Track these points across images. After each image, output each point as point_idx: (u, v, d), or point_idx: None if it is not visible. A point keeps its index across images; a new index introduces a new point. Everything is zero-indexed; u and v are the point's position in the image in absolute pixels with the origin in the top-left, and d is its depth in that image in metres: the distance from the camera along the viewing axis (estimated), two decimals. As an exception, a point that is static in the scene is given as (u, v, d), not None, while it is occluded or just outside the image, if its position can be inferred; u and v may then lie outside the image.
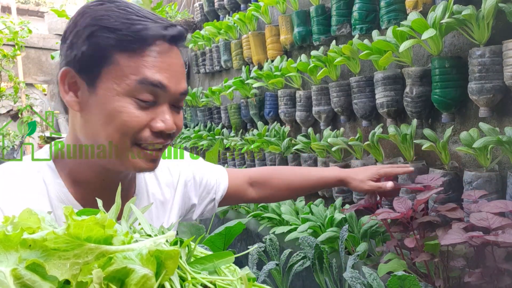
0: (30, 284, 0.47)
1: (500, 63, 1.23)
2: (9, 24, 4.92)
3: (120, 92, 0.75)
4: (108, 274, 0.48)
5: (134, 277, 0.49)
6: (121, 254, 0.50)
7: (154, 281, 0.50)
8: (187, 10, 3.63)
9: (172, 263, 0.51)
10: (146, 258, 0.50)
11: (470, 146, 1.25)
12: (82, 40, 0.75)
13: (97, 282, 0.47)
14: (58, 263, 0.48)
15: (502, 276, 1.04)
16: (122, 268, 0.49)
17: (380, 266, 1.25)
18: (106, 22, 0.75)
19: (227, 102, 2.95)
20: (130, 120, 0.76)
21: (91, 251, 0.49)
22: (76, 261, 0.48)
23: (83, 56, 0.76)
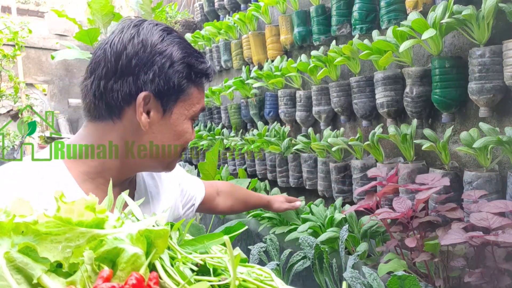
0: (22, 267, 0.47)
1: (500, 63, 1.23)
2: (9, 24, 4.92)
3: (188, 117, 0.94)
4: (99, 255, 0.50)
5: (125, 256, 0.50)
6: (112, 236, 0.51)
7: (144, 259, 0.51)
8: (187, 10, 3.63)
9: (162, 242, 0.53)
10: (136, 237, 0.51)
11: (470, 146, 1.25)
12: (170, 73, 0.89)
13: (88, 263, 0.48)
14: (50, 246, 0.49)
15: (502, 276, 1.04)
16: (113, 249, 0.50)
17: (380, 266, 1.25)
18: (188, 60, 0.91)
19: (227, 102, 2.95)
20: (190, 137, 0.97)
21: (83, 235, 0.50)
22: (68, 244, 0.49)
23: (169, 87, 0.89)
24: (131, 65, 0.87)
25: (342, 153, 1.87)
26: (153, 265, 0.53)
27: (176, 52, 0.90)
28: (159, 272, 0.51)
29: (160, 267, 0.52)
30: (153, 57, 0.88)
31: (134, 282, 0.47)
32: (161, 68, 0.88)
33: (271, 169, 2.36)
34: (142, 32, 0.89)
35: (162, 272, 0.52)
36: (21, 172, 0.84)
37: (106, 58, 0.87)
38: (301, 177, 2.14)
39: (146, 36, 0.89)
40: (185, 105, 0.93)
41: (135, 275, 0.48)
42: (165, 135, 0.93)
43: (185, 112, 0.93)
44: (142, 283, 0.48)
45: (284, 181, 2.27)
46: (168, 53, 0.89)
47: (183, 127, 0.94)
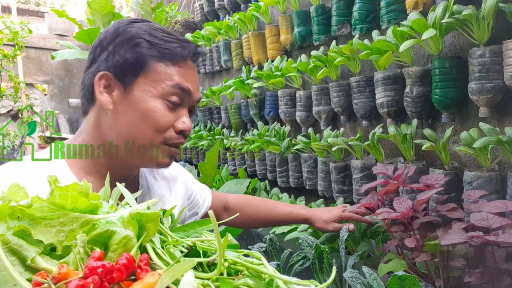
0: (17, 249, 0.49)
1: (500, 63, 1.23)
2: (9, 24, 4.92)
3: (155, 94, 0.88)
4: (91, 238, 0.51)
5: (116, 238, 0.51)
6: (105, 220, 0.53)
7: (136, 241, 0.52)
8: (187, 10, 3.63)
9: (153, 225, 0.54)
10: (128, 221, 0.53)
11: (470, 146, 1.25)
12: (126, 49, 0.88)
13: (81, 245, 0.50)
14: (44, 229, 0.50)
15: (502, 276, 1.04)
16: (105, 231, 0.51)
17: (380, 266, 1.25)
18: (147, 37, 0.89)
19: (227, 102, 2.95)
20: (161, 119, 0.89)
21: (76, 220, 0.52)
22: (62, 228, 0.51)
23: (125, 62, 0.88)
24: (97, 52, 0.92)
25: (342, 153, 1.87)
26: (144, 247, 0.54)
27: (136, 31, 0.89)
28: (149, 254, 0.53)
29: (150, 249, 0.53)
30: (114, 39, 0.90)
31: (124, 262, 0.49)
32: (117, 46, 0.89)
33: (271, 169, 2.36)
34: (116, 23, 0.93)
35: (153, 253, 0.53)
36: (21, 172, 0.85)
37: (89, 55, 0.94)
38: (301, 177, 2.14)
39: (117, 26, 0.91)
40: (149, 81, 0.88)
41: (126, 255, 0.49)
42: (129, 114, 0.89)
43: (150, 89, 0.88)
44: (132, 263, 0.49)
45: (284, 181, 2.27)
46: (127, 33, 0.89)
47: (148, 105, 0.88)
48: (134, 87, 0.88)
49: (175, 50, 0.90)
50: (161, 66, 0.89)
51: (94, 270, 0.47)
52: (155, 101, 0.88)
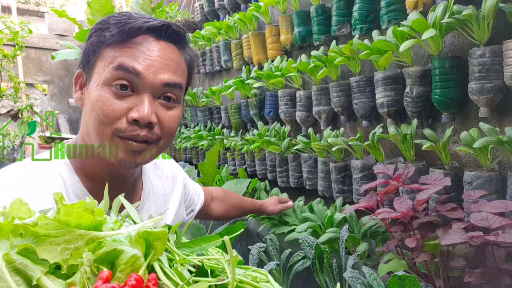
0: (21, 268, 0.47)
1: (500, 63, 1.23)
2: (9, 24, 4.92)
3: (101, 82, 0.80)
4: (98, 257, 0.50)
5: (124, 257, 0.50)
6: (111, 238, 0.52)
7: (143, 261, 0.51)
8: (187, 10, 3.63)
9: (161, 243, 0.53)
10: (135, 239, 0.52)
11: (470, 146, 1.25)
12: (86, 42, 0.85)
13: (87, 264, 0.49)
14: (49, 248, 0.49)
15: (502, 276, 1.04)
16: (112, 250, 0.50)
17: (380, 266, 1.25)
18: (102, 25, 0.83)
19: (227, 102, 2.95)
20: (106, 108, 0.79)
21: (81, 237, 0.51)
22: (67, 246, 0.50)
23: (83, 55, 0.85)
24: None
25: (342, 153, 1.87)
26: (152, 266, 0.53)
27: (98, 23, 0.85)
28: (157, 274, 0.52)
29: (158, 269, 0.52)
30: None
31: (133, 283, 0.48)
32: (86, 45, 0.86)
33: (271, 169, 2.36)
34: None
35: (161, 273, 0.52)
36: (21, 172, 0.84)
37: None
38: (301, 177, 2.14)
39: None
40: (98, 69, 0.82)
41: (135, 276, 0.48)
42: (85, 108, 0.84)
43: (98, 77, 0.81)
44: (141, 284, 0.48)
45: (284, 181, 2.27)
46: (92, 30, 0.86)
47: (94, 94, 0.80)
48: (91, 79, 0.83)
49: (121, 29, 0.81)
50: (107, 50, 0.82)
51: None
52: (101, 89, 0.80)
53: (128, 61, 0.80)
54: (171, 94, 0.85)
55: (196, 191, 1.28)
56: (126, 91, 0.80)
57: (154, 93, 0.83)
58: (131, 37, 0.81)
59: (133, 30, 0.81)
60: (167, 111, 0.85)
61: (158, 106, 0.84)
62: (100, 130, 0.80)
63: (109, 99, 0.79)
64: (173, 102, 0.86)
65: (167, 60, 0.84)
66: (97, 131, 0.81)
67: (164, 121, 0.84)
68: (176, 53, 0.86)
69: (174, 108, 0.87)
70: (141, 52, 0.81)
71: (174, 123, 0.87)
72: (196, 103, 3.28)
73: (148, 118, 0.80)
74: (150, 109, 0.81)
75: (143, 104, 0.80)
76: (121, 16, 0.83)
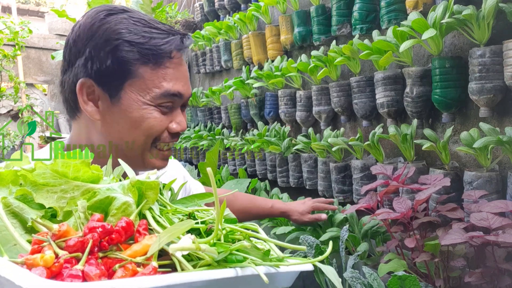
0: (18, 211, 0.50)
1: (501, 63, 1.23)
2: (9, 24, 4.91)
3: (145, 102, 0.83)
4: (92, 204, 0.52)
5: (116, 204, 0.52)
6: (106, 187, 0.54)
7: (135, 207, 0.53)
8: (187, 10, 3.63)
9: (153, 193, 0.55)
10: (128, 188, 0.54)
11: (471, 146, 1.25)
12: (105, 54, 0.80)
13: (81, 211, 0.51)
14: (46, 195, 0.52)
15: (503, 276, 1.04)
16: (105, 198, 0.53)
17: (381, 266, 1.25)
18: (127, 36, 0.80)
19: (227, 102, 2.95)
20: (156, 124, 0.85)
21: (77, 188, 0.53)
22: (63, 195, 0.52)
23: (107, 69, 0.80)
24: (73, 54, 0.84)
25: (342, 153, 1.87)
26: (144, 215, 0.55)
27: (113, 28, 0.80)
28: (148, 220, 0.54)
29: (149, 216, 0.54)
30: (89, 40, 0.80)
31: (123, 225, 0.50)
32: (95, 49, 0.80)
33: (271, 169, 2.36)
34: (91, 17, 0.83)
35: (152, 220, 0.54)
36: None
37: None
38: (301, 177, 2.14)
39: (91, 21, 0.82)
40: (136, 89, 0.82)
41: (125, 219, 0.50)
42: (120, 123, 0.84)
43: (139, 98, 0.82)
44: (131, 227, 0.50)
45: (284, 181, 2.27)
46: (103, 32, 0.80)
47: (140, 113, 0.83)
48: (121, 96, 0.83)
49: (159, 49, 0.81)
50: (147, 71, 0.82)
51: (93, 229, 0.47)
52: (147, 108, 0.83)
53: (173, 86, 0.85)
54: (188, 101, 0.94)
55: (198, 191, 1.25)
56: (170, 108, 0.87)
57: (183, 105, 0.91)
58: (169, 58, 0.84)
59: (170, 51, 0.84)
60: (183, 116, 0.92)
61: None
62: (145, 143, 0.86)
63: (157, 116, 0.85)
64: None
65: (187, 73, 0.91)
66: (142, 144, 0.86)
67: (184, 127, 0.92)
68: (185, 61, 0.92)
69: (185, 109, 0.95)
70: (179, 72, 0.86)
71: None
72: (196, 103, 3.28)
73: (185, 127, 0.90)
74: (185, 119, 0.90)
75: (179, 116, 0.89)
76: (145, 26, 0.82)
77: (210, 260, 0.49)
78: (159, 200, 0.59)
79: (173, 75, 0.85)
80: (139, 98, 0.83)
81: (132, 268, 0.45)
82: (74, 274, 0.42)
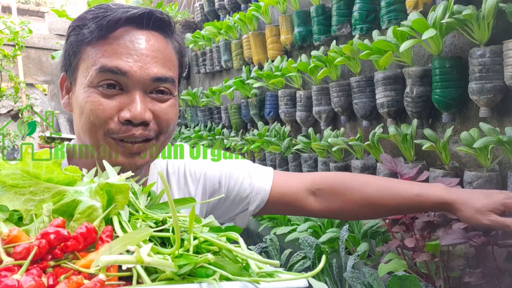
0: None
1: (501, 63, 1.23)
2: (9, 24, 4.91)
3: (87, 84, 0.75)
4: (58, 208, 0.50)
5: (80, 207, 0.49)
6: (73, 190, 0.51)
7: (101, 212, 0.50)
8: (188, 10, 3.63)
9: (123, 197, 0.52)
10: (95, 191, 0.51)
11: (471, 146, 1.25)
12: (65, 44, 0.80)
13: (46, 214, 0.49)
14: (13, 197, 0.50)
15: (503, 276, 1.03)
16: (72, 201, 0.50)
17: (381, 266, 1.25)
18: (79, 21, 0.78)
19: (227, 102, 2.95)
20: (95, 108, 0.74)
21: (48, 190, 0.51)
22: (32, 197, 0.50)
23: (64, 57, 0.80)
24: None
25: (342, 153, 1.87)
26: (111, 220, 0.51)
27: (73, 21, 0.80)
28: (114, 226, 0.50)
29: (116, 222, 0.51)
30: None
31: (83, 231, 0.47)
32: (65, 46, 0.80)
33: (271, 169, 2.36)
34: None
35: (117, 226, 0.50)
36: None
37: None
38: (301, 177, 2.14)
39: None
40: (82, 72, 0.77)
41: (86, 224, 0.47)
42: (76, 112, 0.79)
43: (82, 80, 0.76)
44: (92, 234, 0.47)
45: (284, 181, 2.27)
46: (70, 29, 0.80)
47: (82, 97, 0.75)
48: (76, 82, 0.79)
49: (96, 24, 0.74)
50: (90, 50, 0.76)
51: (46, 235, 0.44)
52: (88, 91, 0.75)
53: (111, 61, 0.74)
54: (163, 88, 0.79)
55: (247, 182, 0.96)
56: (114, 89, 0.75)
57: (145, 89, 0.77)
58: (111, 31, 0.75)
59: (112, 23, 0.74)
60: (161, 104, 0.79)
61: (151, 101, 0.78)
62: (93, 132, 0.76)
63: (98, 99, 0.74)
64: (166, 94, 0.80)
65: (154, 52, 0.77)
66: (89, 134, 0.76)
67: (160, 115, 0.78)
68: (162, 42, 0.80)
69: (169, 99, 0.80)
70: (124, 47, 0.75)
71: (171, 114, 0.80)
72: (196, 103, 3.29)
73: (142, 116, 0.75)
74: (142, 106, 0.75)
75: (134, 102, 0.75)
76: (98, 10, 0.77)
77: (171, 274, 0.44)
78: (132, 205, 0.55)
79: (113, 50, 0.74)
80: (83, 80, 0.76)
81: (77, 280, 0.42)
82: (10, 285, 0.39)
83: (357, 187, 0.95)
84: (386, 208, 0.94)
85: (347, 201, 0.95)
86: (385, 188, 0.94)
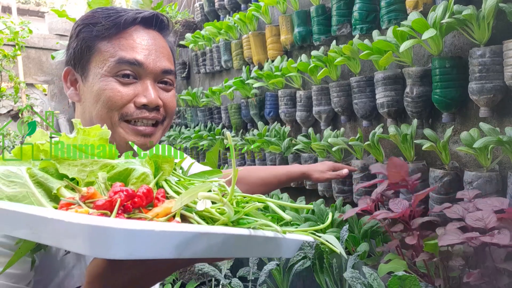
0: (43, 181, 0.54)
1: (501, 63, 1.23)
2: (9, 24, 4.91)
3: (103, 74, 0.87)
4: (111, 176, 0.56)
5: (135, 174, 0.56)
6: (124, 161, 0.58)
7: (152, 178, 0.58)
8: (188, 10, 3.63)
9: (169, 166, 0.60)
10: (146, 161, 0.59)
11: (471, 146, 1.25)
12: (73, 39, 0.90)
13: (102, 182, 0.55)
14: (67, 167, 0.56)
15: (501, 276, 1.04)
16: (124, 170, 0.57)
17: (381, 266, 1.25)
18: (89, 20, 0.89)
19: (227, 102, 2.95)
20: (114, 95, 0.86)
21: (96, 163, 0.57)
22: (83, 169, 0.56)
23: (74, 52, 0.90)
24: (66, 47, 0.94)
25: (342, 153, 1.87)
26: (161, 185, 0.59)
27: (80, 20, 0.90)
28: (166, 189, 0.58)
29: (166, 186, 0.59)
30: (69, 39, 0.92)
31: (144, 191, 0.53)
32: (70, 41, 0.91)
33: (271, 169, 2.36)
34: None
35: (168, 188, 0.58)
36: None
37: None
38: (301, 177, 2.14)
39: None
40: (97, 63, 0.88)
41: (145, 186, 0.54)
42: (88, 100, 0.89)
43: (99, 71, 0.87)
44: (151, 193, 0.54)
45: (284, 181, 2.27)
46: (75, 27, 0.90)
47: (99, 85, 0.87)
48: (88, 74, 0.89)
49: (111, 23, 0.87)
50: (104, 44, 0.88)
51: (118, 193, 0.51)
52: (106, 80, 0.86)
53: (129, 53, 0.87)
54: (167, 79, 0.93)
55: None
56: (129, 78, 0.87)
57: (155, 79, 0.90)
58: (125, 29, 0.88)
59: (128, 22, 0.88)
60: (166, 93, 0.93)
61: (159, 90, 0.92)
62: (109, 117, 0.86)
63: (116, 86, 0.86)
64: (169, 85, 0.94)
65: (161, 48, 0.92)
66: (106, 119, 0.86)
67: (167, 102, 0.92)
68: (163, 40, 0.94)
69: (172, 89, 0.95)
70: (138, 43, 0.88)
71: (175, 103, 0.96)
72: (196, 103, 3.29)
73: (156, 101, 0.89)
74: (155, 93, 0.89)
75: (148, 90, 0.88)
76: (108, 11, 0.89)
77: (226, 220, 0.53)
78: (173, 174, 0.63)
79: (129, 45, 0.88)
80: (99, 71, 0.87)
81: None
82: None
83: (253, 174, 1.39)
84: (272, 184, 1.41)
85: (249, 184, 1.35)
86: (270, 171, 1.44)
